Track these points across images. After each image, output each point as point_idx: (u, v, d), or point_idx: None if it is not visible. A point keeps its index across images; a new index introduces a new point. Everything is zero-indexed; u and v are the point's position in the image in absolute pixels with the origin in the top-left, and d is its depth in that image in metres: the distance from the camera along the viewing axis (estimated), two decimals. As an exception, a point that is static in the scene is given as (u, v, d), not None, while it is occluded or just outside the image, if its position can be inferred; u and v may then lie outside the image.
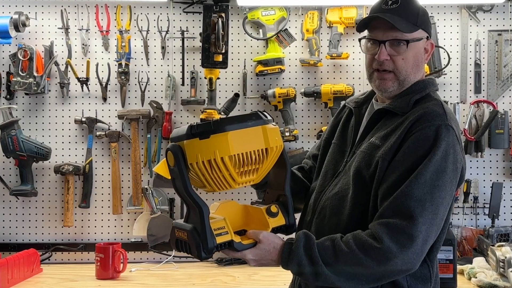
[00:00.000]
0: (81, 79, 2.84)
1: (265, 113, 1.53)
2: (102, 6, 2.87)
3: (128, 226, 2.89)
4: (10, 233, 2.89)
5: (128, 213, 2.89)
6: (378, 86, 1.59)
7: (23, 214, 2.89)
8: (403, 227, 1.40)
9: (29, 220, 2.89)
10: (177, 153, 1.42)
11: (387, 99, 1.63)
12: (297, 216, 1.66)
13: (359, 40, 1.66)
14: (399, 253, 1.40)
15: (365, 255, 1.41)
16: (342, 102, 1.90)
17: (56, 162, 2.86)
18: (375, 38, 1.56)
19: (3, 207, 2.89)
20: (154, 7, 2.88)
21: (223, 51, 2.73)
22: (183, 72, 2.86)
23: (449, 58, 2.06)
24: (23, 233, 2.89)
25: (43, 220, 2.89)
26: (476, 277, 2.38)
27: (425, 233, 1.42)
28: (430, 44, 1.61)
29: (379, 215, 1.46)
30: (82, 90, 2.87)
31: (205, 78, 2.82)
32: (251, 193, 2.82)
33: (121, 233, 2.90)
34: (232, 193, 2.87)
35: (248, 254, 1.48)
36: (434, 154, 1.44)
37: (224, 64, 2.77)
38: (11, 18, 2.76)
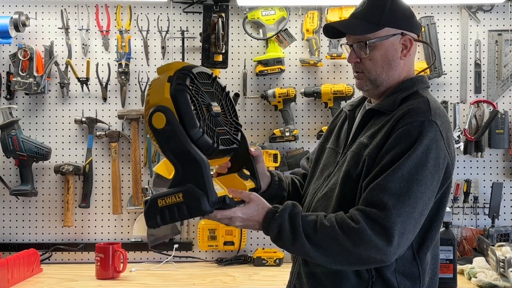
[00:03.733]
0: (81, 79, 2.84)
1: None
2: (102, 6, 2.87)
3: (128, 226, 2.89)
4: (10, 233, 2.89)
5: (128, 213, 2.89)
6: (357, 85, 1.66)
7: (23, 214, 2.89)
8: (377, 217, 1.40)
9: (29, 220, 2.89)
10: (168, 112, 1.37)
11: (375, 99, 1.66)
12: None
13: (341, 45, 1.73)
14: (373, 238, 1.39)
15: (342, 233, 1.41)
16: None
17: (56, 162, 2.86)
18: (347, 43, 1.64)
19: (3, 207, 2.89)
20: (154, 7, 2.88)
21: (223, 51, 2.73)
22: (183, 72, 2.86)
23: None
24: (23, 233, 2.89)
25: (43, 220, 2.90)
26: (476, 277, 2.38)
27: (401, 226, 1.40)
28: (409, 40, 1.59)
29: (356, 204, 1.48)
30: (82, 90, 2.87)
31: (205, 78, 2.82)
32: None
33: (121, 233, 2.90)
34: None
35: (238, 212, 1.47)
36: (415, 149, 1.44)
37: (224, 64, 2.77)
38: (11, 18, 2.76)
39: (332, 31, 1.65)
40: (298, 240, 1.44)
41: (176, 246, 2.84)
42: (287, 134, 2.80)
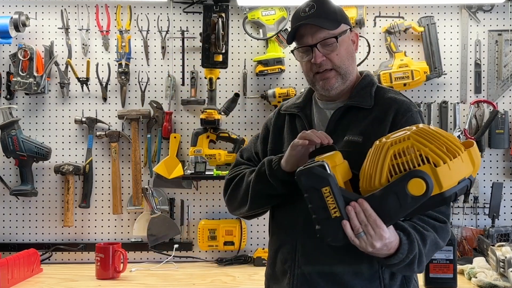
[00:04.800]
0: (81, 79, 2.84)
1: None
2: (102, 6, 2.87)
3: (128, 226, 2.89)
4: (10, 233, 2.89)
5: (128, 213, 2.89)
6: (324, 87, 1.64)
7: (23, 214, 2.89)
8: (444, 212, 1.51)
9: (29, 220, 2.89)
10: (431, 184, 1.30)
11: (328, 99, 1.68)
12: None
13: (292, 52, 1.71)
14: (449, 229, 1.52)
15: (439, 236, 1.48)
16: (275, 110, 1.85)
17: (56, 162, 2.86)
18: (306, 45, 1.62)
19: (3, 207, 2.89)
20: (154, 7, 2.88)
21: (223, 51, 2.73)
22: (183, 72, 2.86)
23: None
24: (23, 233, 2.89)
25: (43, 220, 2.90)
26: (476, 277, 2.38)
27: None
28: (355, 35, 1.70)
29: None
30: (82, 90, 2.87)
31: (205, 78, 2.82)
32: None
33: (121, 233, 2.90)
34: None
35: (387, 232, 1.36)
36: None
37: (224, 64, 2.77)
38: (11, 18, 2.76)
39: (291, 35, 1.65)
40: (422, 259, 1.45)
41: (176, 246, 2.84)
42: (287, 134, 2.79)
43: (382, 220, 1.33)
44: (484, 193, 2.86)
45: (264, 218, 2.88)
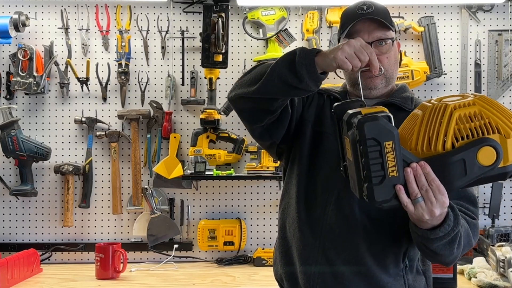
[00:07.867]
0: (81, 79, 2.84)
1: None
2: (102, 6, 2.87)
3: (128, 226, 2.89)
4: (10, 233, 2.89)
5: (128, 213, 2.89)
6: (367, 85, 1.59)
7: (23, 214, 2.89)
8: (473, 211, 1.51)
9: (29, 220, 2.89)
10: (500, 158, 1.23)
11: (373, 98, 1.64)
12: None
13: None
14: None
15: (471, 231, 1.45)
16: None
17: (56, 162, 2.86)
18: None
19: (3, 207, 2.89)
20: (154, 7, 2.88)
21: (223, 51, 2.73)
22: (183, 72, 2.86)
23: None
24: (23, 233, 2.89)
25: (43, 220, 2.90)
26: (476, 277, 2.38)
27: None
28: (398, 44, 1.69)
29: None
30: (82, 90, 2.87)
31: (205, 78, 2.82)
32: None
33: (121, 233, 2.90)
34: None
35: (447, 200, 1.28)
36: None
37: (224, 64, 2.77)
38: (11, 18, 2.76)
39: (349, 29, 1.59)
40: (462, 244, 1.41)
41: (176, 246, 2.84)
42: (287, 134, 2.79)
43: None
44: (484, 193, 2.86)
45: (264, 219, 2.90)
